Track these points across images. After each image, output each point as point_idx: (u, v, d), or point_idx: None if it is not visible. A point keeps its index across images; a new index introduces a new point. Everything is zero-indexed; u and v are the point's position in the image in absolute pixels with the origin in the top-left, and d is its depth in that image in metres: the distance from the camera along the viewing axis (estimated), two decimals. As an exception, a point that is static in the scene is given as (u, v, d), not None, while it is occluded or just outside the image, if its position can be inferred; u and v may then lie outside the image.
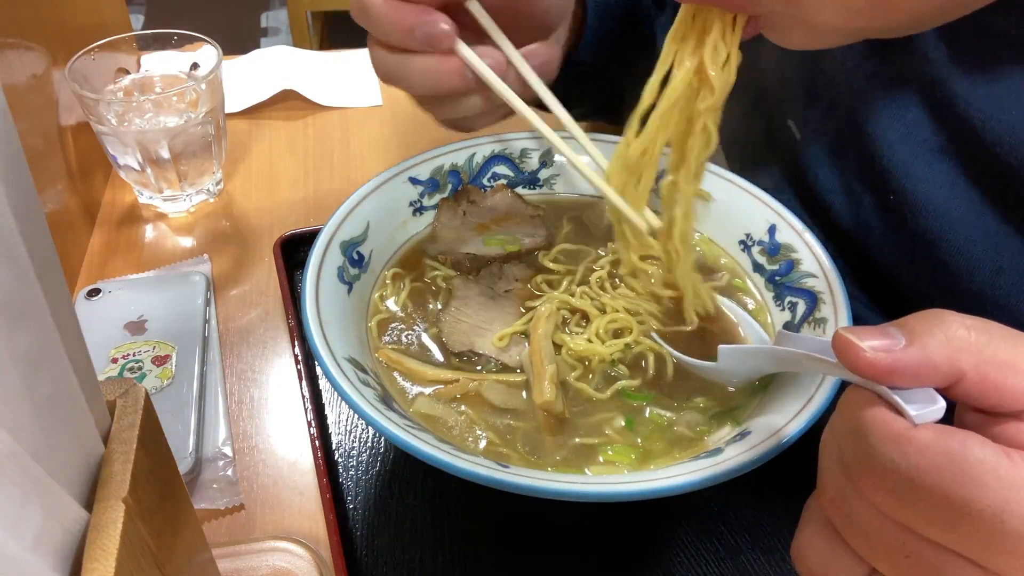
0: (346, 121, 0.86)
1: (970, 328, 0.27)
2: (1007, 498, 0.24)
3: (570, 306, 0.51)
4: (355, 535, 0.47)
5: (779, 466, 0.38)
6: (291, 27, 2.28)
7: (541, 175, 0.61)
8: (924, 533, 0.26)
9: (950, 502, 0.25)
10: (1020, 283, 0.43)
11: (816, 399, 0.40)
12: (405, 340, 0.50)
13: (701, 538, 0.47)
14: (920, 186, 0.47)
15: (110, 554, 0.22)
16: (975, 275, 0.45)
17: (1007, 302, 0.44)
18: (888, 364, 0.27)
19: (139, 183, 0.70)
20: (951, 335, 0.27)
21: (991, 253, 0.44)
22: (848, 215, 0.52)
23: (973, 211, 0.45)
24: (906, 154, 0.48)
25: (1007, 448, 0.25)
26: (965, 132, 0.44)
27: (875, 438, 0.27)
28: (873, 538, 0.28)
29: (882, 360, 0.27)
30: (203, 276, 0.63)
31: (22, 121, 0.60)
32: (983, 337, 0.27)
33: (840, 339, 0.28)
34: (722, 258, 0.56)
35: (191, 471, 0.49)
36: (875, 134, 0.49)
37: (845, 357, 0.28)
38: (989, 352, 0.26)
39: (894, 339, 0.27)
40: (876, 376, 0.27)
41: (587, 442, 0.44)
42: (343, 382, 0.41)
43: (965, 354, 0.26)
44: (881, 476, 0.26)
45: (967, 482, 0.25)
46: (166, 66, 0.72)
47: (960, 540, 0.25)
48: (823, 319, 0.47)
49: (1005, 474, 0.24)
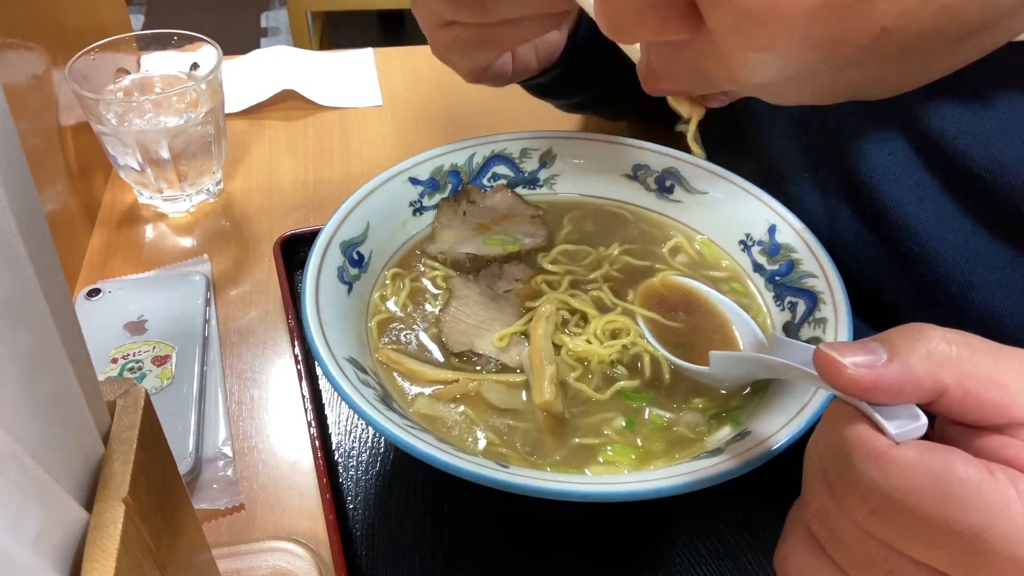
0: (346, 121, 0.86)
1: (951, 342, 0.27)
2: (990, 517, 0.24)
3: (569, 306, 0.51)
4: (355, 535, 0.47)
5: (780, 466, 0.38)
6: (291, 27, 2.28)
7: (541, 175, 0.61)
8: (906, 551, 0.26)
9: (932, 521, 0.25)
10: (994, 292, 0.43)
11: (816, 399, 0.40)
12: (405, 340, 0.50)
13: (701, 538, 0.47)
14: (895, 198, 0.47)
15: (110, 554, 0.22)
16: (951, 285, 0.45)
17: (985, 310, 0.44)
18: (870, 381, 0.27)
19: (139, 183, 0.70)
20: (932, 349, 0.27)
21: (966, 263, 0.44)
22: (825, 227, 0.53)
23: (945, 221, 0.45)
24: (880, 166, 0.48)
25: (990, 464, 0.25)
26: (938, 145, 0.45)
27: (857, 457, 0.26)
28: (855, 553, 0.28)
29: (864, 376, 0.27)
30: (203, 276, 0.63)
31: (22, 121, 0.60)
32: (964, 351, 0.26)
33: (821, 356, 0.28)
34: (723, 260, 0.56)
35: (191, 471, 0.49)
36: (852, 149, 0.50)
37: (827, 374, 0.28)
38: (971, 366, 0.26)
39: (876, 355, 0.27)
40: (858, 393, 0.27)
41: (587, 442, 0.44)
42: (343, 382, 0.41)
43: (947, 368, 0.26)
44: (862, 495, 0.26)
45: (950, 502, 0.24)
46: (166, 66, 0.72)
47: (943, 558, 0.25)
48: (823, 319, 0.47)
49: (988, 494, 0.24)
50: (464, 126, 0.86)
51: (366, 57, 0.97)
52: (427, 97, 0.90)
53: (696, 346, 0.49)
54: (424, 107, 0.89)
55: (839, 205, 0.52)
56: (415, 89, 0.91)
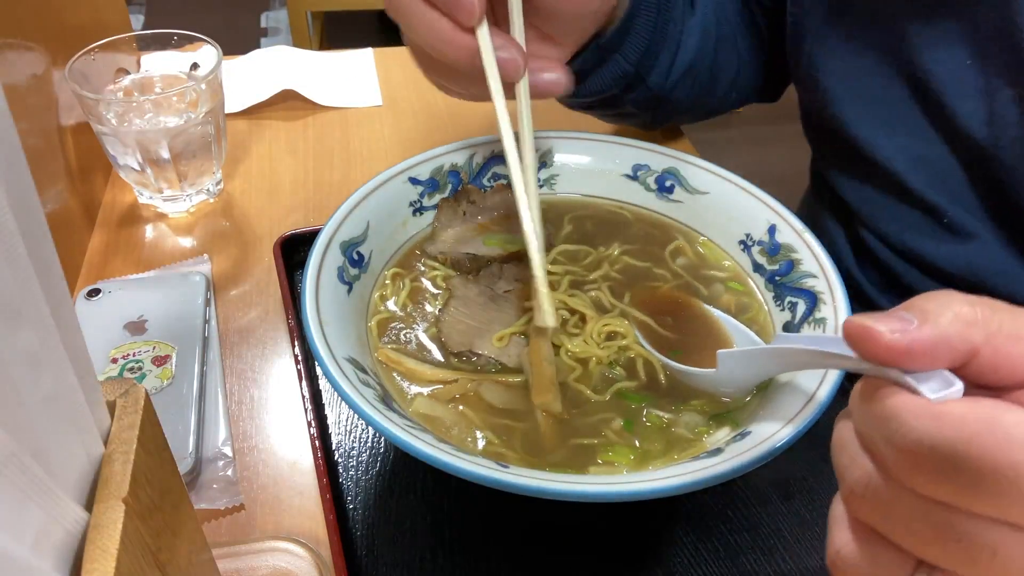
0: (346, 121, 0.86)
1: (974, 304, 0.27)
2: None
3: (568, 307, 0.51)
4: (355, 535, 0.47)
5: (779, 466, 0.38)
6: (291, 27, 2.28)
7: (541, 175, 0.61)
8: (972, 508, 0.25)
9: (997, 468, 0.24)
10: None
11: (816, 399, 0.40)
12: (404, 340, 0.50)
13: (701, 538, 0.47)
14: None
15: (110, 554, 0.22)
16: None
17: None
18: (906, 345, 0.26)
19: (139, 183, 0.70)
20: (959, 311, 0.27)
21: None
22: (980, 118, 0.50)
23: None
24: None
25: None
26: None
27: (906, 417, 0.26)
28: (918, 528, 0.27)
29: (899, 341, 0.27)
30: (203, 276, 0.63)
31: (22, 121, 0.60)
32: (987, 311, 0.27)
33: (854, 325, 0.28)
34: (724, 261, 0.56)
35: (191, 471, 0.49)
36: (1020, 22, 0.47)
37: (861, 343, 0.28)
38: (995, 325, 0.26)
39: (907, 321, 0.27)
40: (894, 358, 0.27)
41: (586, 442, 0.44)
42: (343, 382, 0.41)
43: (976, 328, 0.26)
44: (919, 456, 0.26)
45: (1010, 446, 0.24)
46: (166, 66, 0.72)
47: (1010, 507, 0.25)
48: (823, 319, 0.47)
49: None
50: (464, 126, 0.86)
51: (366, 57, 0.97)
52: (427, 97, 0.90)
53: (688, 351, 0.49)
54: (424, 107, 0.89)
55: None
56: (415, 89, 0.91)
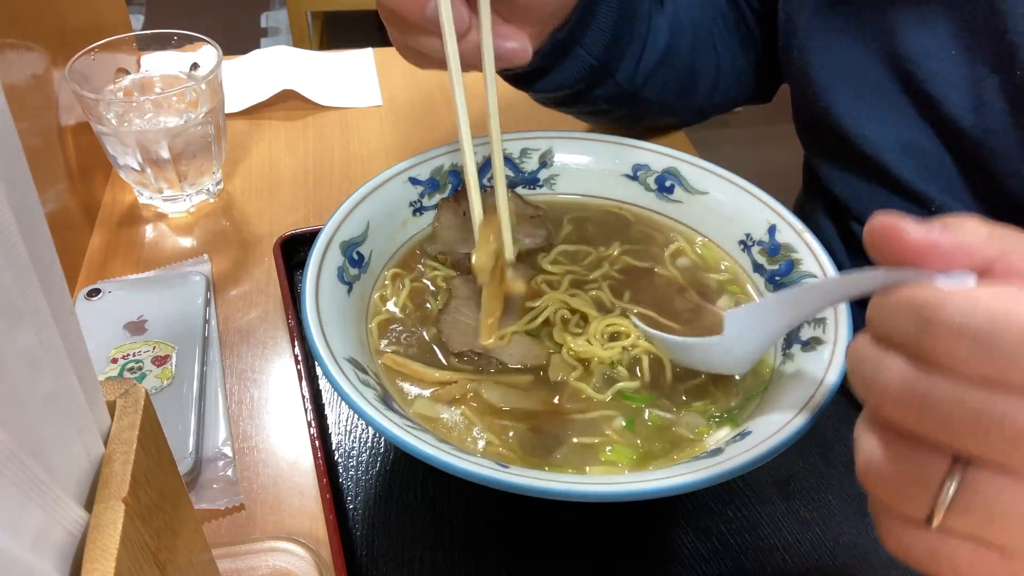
0: (346, 121, 0.86)
1: (991, 225, 0.28)
2: None
3: (569, 306, 0.51)
4: (355, 535, 0.47)
5: (779, 466, 0.38)
6: (291, 27, 2.27)
7: (541, 175, 0.61)
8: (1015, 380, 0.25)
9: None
10: None
11: (816, 400, 0.40)
12: (405, 341, 0.50)
13: (701, 538, 0.47)
14: None
15: (110, 554, 0.22)
16: None
17: None
18: (929, 243, 0.28)
19: (139, 183, 0.70)
20: (975, 228, 0.28)
21: None
22: (968, 107, 0.50)
23: None
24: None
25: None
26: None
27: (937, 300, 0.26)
28: (957, 415, 0.26)
29: (922, 239, 0.28)
30: (203, 276, 0.63)
31: (22, 121, 0.60)
32: (1003, 232, 0.28)
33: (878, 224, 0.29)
34: (724, 262, 0.56)
35: (191, 471, 0.49)
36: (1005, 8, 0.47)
37: (885, 240, 0.29)
38: (1011, 244, 0.28)
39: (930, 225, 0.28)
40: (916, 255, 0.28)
41: (587, 442, 0.44)
42: (343, 382, 0.41)
43: (992, 242, 0.28)
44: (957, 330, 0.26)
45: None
46: (166, 66, 0.72)
47: None
48: (823, 319, 0.47)
49: None
50: (464, 126, 0.85)
51: (366, 57, 0.97)
52: (427, 97, 0.90)
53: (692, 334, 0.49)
54: (424, 107, 0.89)
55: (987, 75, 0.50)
56: (415, 89, 0.91)
